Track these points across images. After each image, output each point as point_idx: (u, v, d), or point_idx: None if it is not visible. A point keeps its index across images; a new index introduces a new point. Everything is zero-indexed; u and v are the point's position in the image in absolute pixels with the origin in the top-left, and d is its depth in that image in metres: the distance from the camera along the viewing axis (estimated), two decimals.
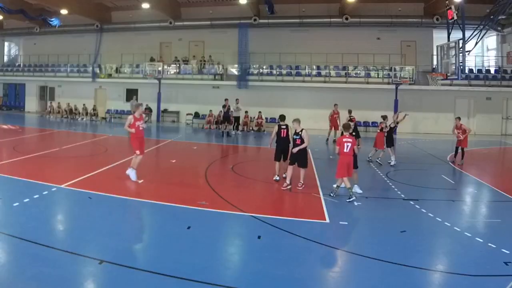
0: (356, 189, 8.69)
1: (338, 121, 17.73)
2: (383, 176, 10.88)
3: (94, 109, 25.87)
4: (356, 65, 23.93)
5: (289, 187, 8.93)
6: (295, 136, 8.93)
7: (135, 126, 9.13)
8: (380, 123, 12.91)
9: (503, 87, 22.05)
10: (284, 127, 9.43)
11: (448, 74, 17.29)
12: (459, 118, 13.60)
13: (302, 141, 8.81)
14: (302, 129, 8.88)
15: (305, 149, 9.01)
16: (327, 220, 7.00)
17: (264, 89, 23.96)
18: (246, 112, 22.78)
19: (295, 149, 8.85)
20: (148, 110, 25.26)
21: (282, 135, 9.39)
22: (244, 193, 9.02)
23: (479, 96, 22.40)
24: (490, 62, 24.81)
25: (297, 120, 8.98)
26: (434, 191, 9.49)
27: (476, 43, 17.00)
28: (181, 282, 4.62)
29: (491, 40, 24.65)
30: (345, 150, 8.13)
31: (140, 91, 26.11)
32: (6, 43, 33.55)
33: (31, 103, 30.09)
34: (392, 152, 12.65)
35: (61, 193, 8.09)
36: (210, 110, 23.66)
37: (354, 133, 10.20)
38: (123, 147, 15.89)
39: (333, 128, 18.09)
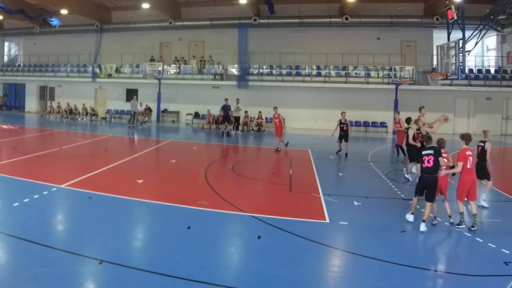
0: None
1: (282, 125, 15.03)
2: (383, 176, 10.89)
3: (92, 110, 25.87)
4: (356, 65, 23.91)
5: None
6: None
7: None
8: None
9: (503, 87, 22.04)
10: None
11: (448, 74, 17.27)
12: (399, 113, 13.95)
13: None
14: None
15: None
16: (327, 220, 7.00)
17: (264, 89, 23.95)
18: (246, 112, 22.78)
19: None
20: (148, 110, 25.30)
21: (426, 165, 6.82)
22: (244, 193, 9.02)
23: (479, 96, 22.39)
24: (490, 62, 24.79)
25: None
26: None
27: (476, 43, 16.98)
28: (181, 282, 4.62)
29: (491, 40, 24.64)
30: (468, 166, 6.79)
31: (140, 91, 26.08)
32: (6, 43, 33.55)
33: (31, 103, 30.08)
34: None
35: (61, 193, 8.09)
36: (208, 110, 23.66)
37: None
38: (123, 147, 15.91)
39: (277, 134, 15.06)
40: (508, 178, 11.98)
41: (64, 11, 24.25)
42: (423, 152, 6.92)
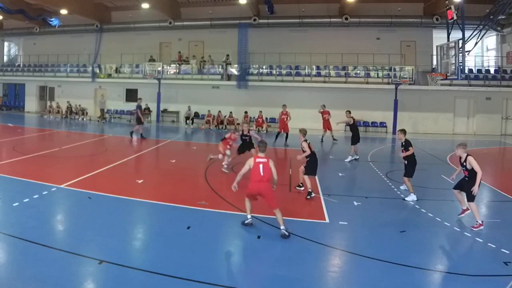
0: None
1: (287, 122, 16.66)
2: (383, 176, 10.89)
3: (81, 109, 26.32)
4: (356, 65, 23.92)
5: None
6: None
7: None
8: None
9: (503, 87, 22.06)
10: None
11: (448, 74, 17.28)
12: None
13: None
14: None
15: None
16: (327, 220, 7.01)
17: (264, 89, 23.96)
18: (246, 112, 22.78)
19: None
20: (147, 110, 25.29)
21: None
22: (244, 193, 9.00)
23: (479, 96, 22.41)
24: (490, 62, 24.81)
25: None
26: (434, 191, 9.49)
27: (476, 43, 17.00)
28: (181, 282, 4.62)
29: (490, 40, 24.66)
30: None
31: (140, 91, 26.08)
32: (6, 43, 33.54)
33: (31, 103, 30.07)
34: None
35: (60, 193, 8.09)
36: (209, 111, 23.68)
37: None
38: (123, 147, 15.90)
39: (282, 130, 16.70)
40: (508, 178, 11.98)
41: (64, 11, 24.25)
42: None
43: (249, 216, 6.53)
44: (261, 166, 6.38)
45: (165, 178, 10.48)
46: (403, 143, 8.87)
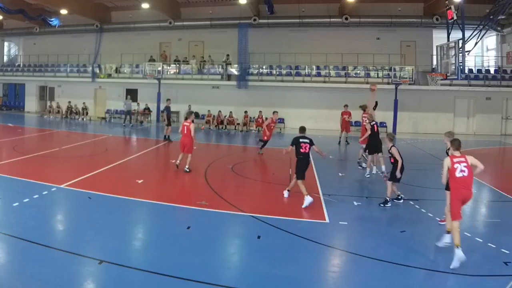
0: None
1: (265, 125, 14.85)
2: (383, 176, 10.87)
3: (83, 107, 26.28)
4: (356, 65, 23.92)
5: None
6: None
7: None
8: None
9: (503, 87, 22.05)
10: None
11: (448, 74, 17.28)
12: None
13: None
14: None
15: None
16: (327, 220, 7.00)
17: (264, 89, 23.95)
18: (246, 112, 22.78)
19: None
20: (147, 110, 25.30)
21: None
22: (244, 193, 9.03)
23: (479, 96, 22.40)
24: (490, 62, 24.80)
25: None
26: (434, 191, 9.47)
27: (476, 43, 17.00)
28: (181, 282, 4.62)
29: (490, 40, 24.65)
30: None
31: (139, 91, 26.09)
32: (6, 43, 33.53)
33: (31, 103, 30.06)
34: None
35: (60, 193, 8.09)
36: (208, 110, 23.68)
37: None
38: (123, 147, 15.90)
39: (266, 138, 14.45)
40: (508, 178, 11.97)
41: (64, 11, 24.24)
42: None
43: (178, 162, 10.51)
44: (185, 127, 10.33)
45: (165, 178, 10.49)
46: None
